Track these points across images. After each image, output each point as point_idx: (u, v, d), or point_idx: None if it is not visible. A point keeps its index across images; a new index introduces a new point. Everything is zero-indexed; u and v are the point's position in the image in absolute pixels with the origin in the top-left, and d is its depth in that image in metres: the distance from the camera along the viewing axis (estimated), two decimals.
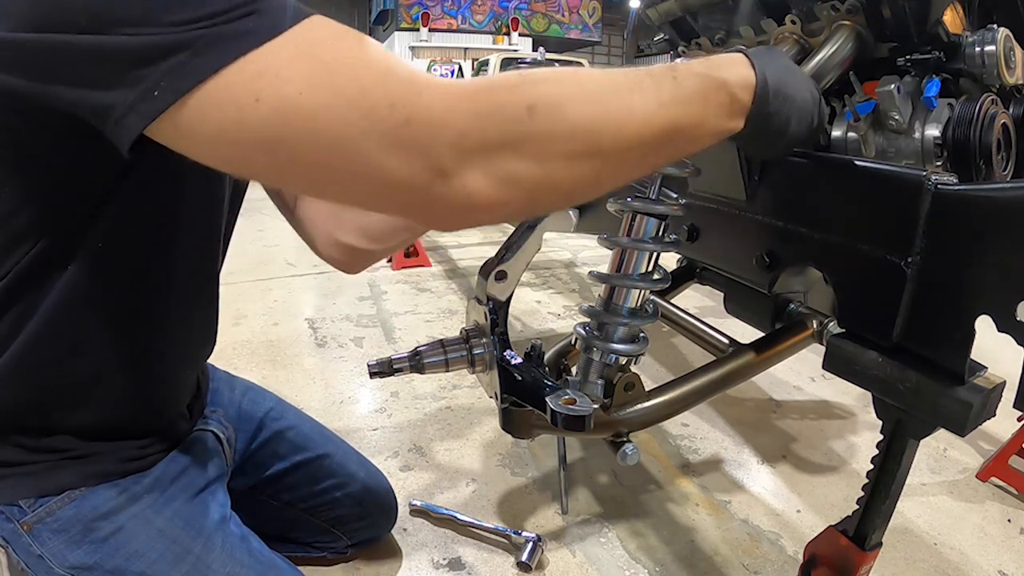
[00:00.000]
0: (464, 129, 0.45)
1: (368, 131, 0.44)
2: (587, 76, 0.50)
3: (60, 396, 0.72)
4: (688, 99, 0.53)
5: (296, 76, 0.44)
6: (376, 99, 0.43)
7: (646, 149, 0.52)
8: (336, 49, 0.45)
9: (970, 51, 0.80)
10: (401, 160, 0.44)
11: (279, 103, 0.43)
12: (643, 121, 0.50)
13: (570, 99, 0.48)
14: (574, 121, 0.48)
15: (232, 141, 0.46)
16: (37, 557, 0.74)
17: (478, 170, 0.45)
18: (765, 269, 0.80)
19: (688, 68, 0.54)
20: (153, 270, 0.73)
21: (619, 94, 0.50)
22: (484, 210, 0.48)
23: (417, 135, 0.44)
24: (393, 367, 0.85)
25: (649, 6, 1.21)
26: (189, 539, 0.79)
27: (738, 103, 0.56)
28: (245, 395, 1.08)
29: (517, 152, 0.46)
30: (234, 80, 0.44)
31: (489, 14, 13.65)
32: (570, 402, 0.72)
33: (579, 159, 0.49)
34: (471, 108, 0.45)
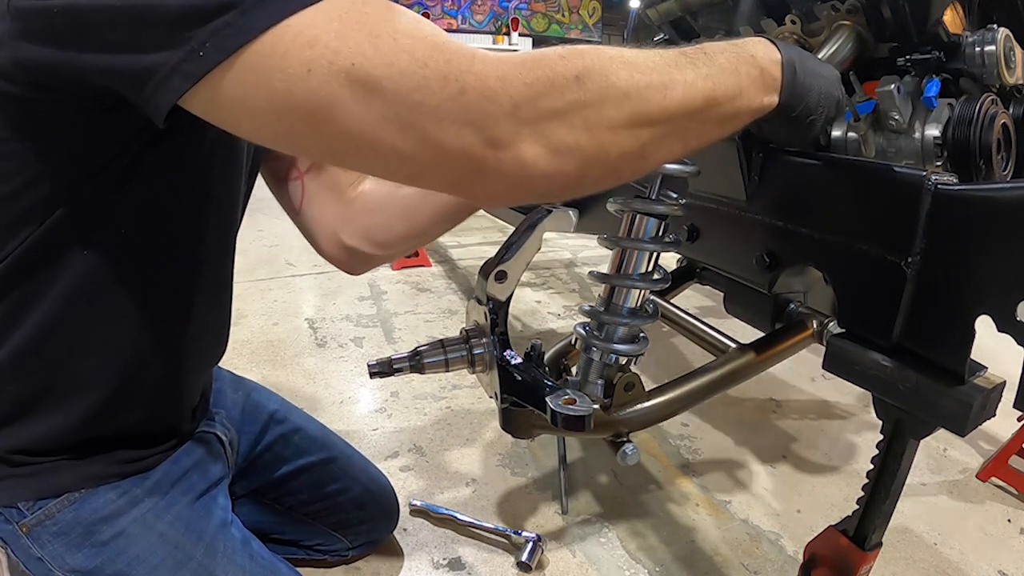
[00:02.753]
0: (517, 99, 0.45)
1: (422, 103, 0.43)
2: (629, 51, 0.51)
3: (63, 394, 0.71)
4: (723, 71, 0.54)
5: (348, 47, 0.43)
6: (430, 70, 0.43)
7: (690, 119, 0.53)
8: (387, 20, 0.45)
9: (970, 51, 0.80)
10: (455, 131, 0.44)
11: (331, 75, 0.43)
12: (684, 90, 0.51)
13: (615, 69, 0.48)
14: (621, 89, 0.48)
15: (279, 112, 0.45)
16: (37, 560, 0.73)
17: (531, 140, 0.46)
18: (765, 269, 0.80)
19: (716, 45, 0.56)
20: (169, 266, 0.72)
21: (659, 67, 0.51)
22: (537, 180, 0.48)
23: (471, 105, 0.44)
24: (393, 367, 0.85)
25: (649, 6, 1.21)
26: (191, 544, 0.78)
27: (769, 76, 0.58)
28: (250, 396, 1.07)
29: (568, 121, 0.47)
30: (285, 47, 0.43)
31: (489, 14, 13.64)
32: (570, 402, 0.72)
33: (627, 128, 0.49)
34: (523, 78, 0.45)
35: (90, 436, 0.73)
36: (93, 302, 0.67)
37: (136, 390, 0.74)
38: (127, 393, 0.73)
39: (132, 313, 0.70)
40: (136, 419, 0.76)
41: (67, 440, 0.72)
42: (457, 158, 0.46)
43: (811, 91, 0.60)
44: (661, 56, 0.52)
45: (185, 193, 0.69)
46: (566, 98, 0.46)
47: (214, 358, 0.91)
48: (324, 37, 0.43)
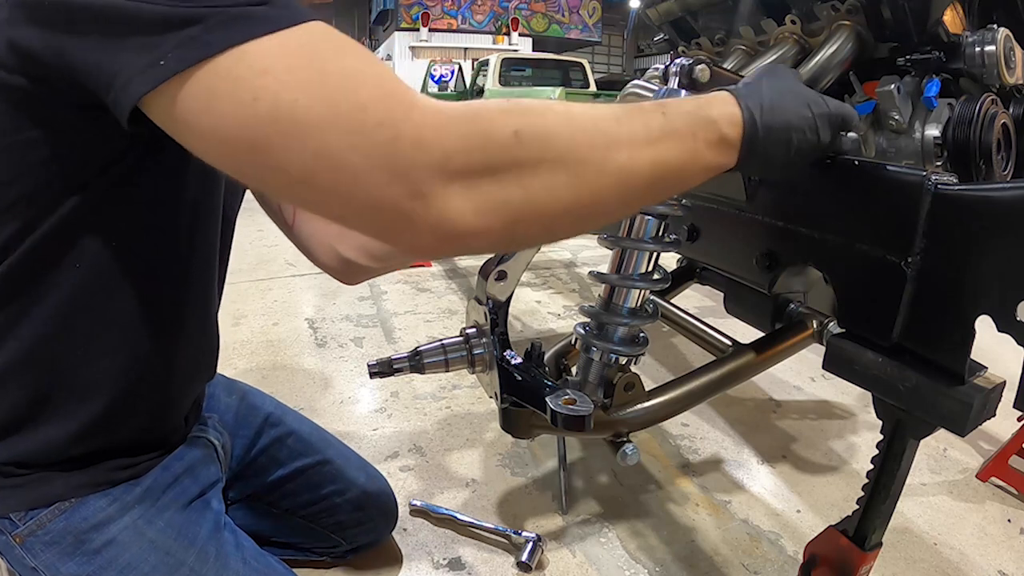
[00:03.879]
0: (450, 151, 0.44)
1: (355, 146, 0.43)
2: (577, 108, 0.50)
3: (57, 407, 0.71)
4: (677, 135, 0.53)
5: (296, 81, 0.44)
6: (368, 116, 0.43)
7: (632, 184, 0.52)
8: (338, 59, 0.45)
9: (970, 51, 0.81)
10: (385, 179, 0.44)
11: (275, 106, 0.43)
12: (630, 154, 0.50)
13: (557, 128, 0.47)
14: (560, 150, 0.47)
15: (224, 137, 0.46)
16: (31, 569, 0.73)
17: (459, 195, 0.45)
18: (765, 269, 0.80)
19: (678, 105, 0.55)
20: (162, 278, 0.72)
21: (607, 127, 0.50)
22: (462, 237, 0.47)
23: (402, 155, 0.43)
24: (393, 367, 0.85)
25: (649, 6, 1.21)
26: (182, 550, 0.78)
27: (727, 140, 0.56)
28: (243, 400, 1.07)
29: (500, 179, 0.46)
30: (239, 71, 0.44)
31: (489, 14, 13.65)
32: (570, 402, 0.72)
33: (564, 188, 0.48)
34: (459, 130, 0.45)
35: (83, 448, 0.73)
36: (85, 315, 0.67)
37: (130, 402, 0.74)
38: (121, 405, 0.73)
39: (125, 326, 0.70)
40: (129, 430, 0.76)
41: (60, 452, 0.72)
42: (384, 206, 0.45)
43: (772, 146, 0.58)
44: (614, 116, 0.51)
45: (176, 205, 0.69)
46: (502, 156, 0.46)
47: (208, 370, 0.91)
48: (276, 68, 0.44)
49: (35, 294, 0.66)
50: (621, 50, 20.51)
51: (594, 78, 8.70)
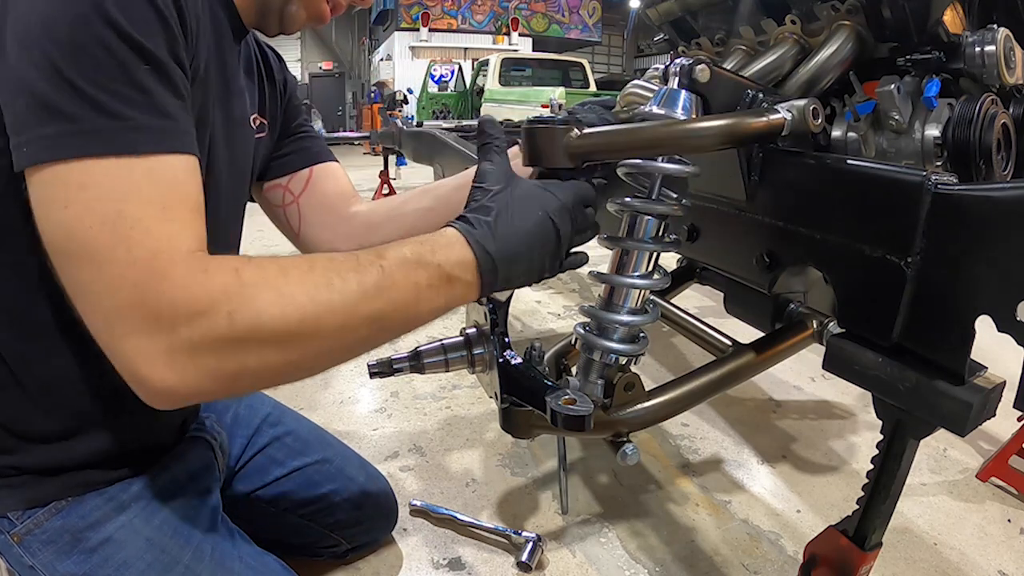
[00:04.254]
0: (177, 326, 0.49)
1: (112, 293, 0.50)
2: (296, 275, 0.53)
3: (56, 417, 0.71)
4: (395, 287, 0.55)
5: (98, 211, 0.50)
6: (130, 272, 0.49)
7: (350, 339, 0.56)
8: (140, 207, 0.51)
9: (970, 51, 0.80)
10: (121, 333, 0.50)
11: (73, 224, 0.50)
12: (343, 318, 0.53)
13: (267, 304, 0.51)
14: (269, 325, 0.51)
15: (42, 227, 0.52)
16: (29, 568, 0.73)
17: (178, 366, 0.50)
18: (765, 269, 0.80)
19: (399, 255, 0.56)
20: None
21: (319, 295, 0.53)
22: (177, 397, 0.52)
23: (141, 319, 0.49)
24: (393, 367, 0.85)
25: (649, 6, 1.21)
26: (178, 548, 0.78)
27: (460, 281, 0.58)
28: (241, 402, 1.07)
29: (216, 351, 0.50)
30: (64, 179, 0.50)
31: (489, 14, 13.64)
32: (570, 402, 0.72)
33: (275, 354, 0.52)
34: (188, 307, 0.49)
35: (81, 450, 0.74)
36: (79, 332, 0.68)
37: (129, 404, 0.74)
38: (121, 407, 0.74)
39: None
40: (127, 431, 0.76)
41: (59, 455, 0.73)
42: (119, 355, 0.51)
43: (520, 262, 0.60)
44: (327, 277, 0.53)
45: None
46: (217, 332, 0.50)
47: None
48: (91, 191, 0.50)
49: (29, 311, 0.67)
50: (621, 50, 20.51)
51: (594, 78, 8.70)
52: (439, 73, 9.98)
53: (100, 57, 0.50)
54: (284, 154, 0.96)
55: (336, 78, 17.93)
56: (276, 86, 0.93)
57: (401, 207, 0.96)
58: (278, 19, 0.76)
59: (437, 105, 9.14)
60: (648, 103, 0.71)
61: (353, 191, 1.01)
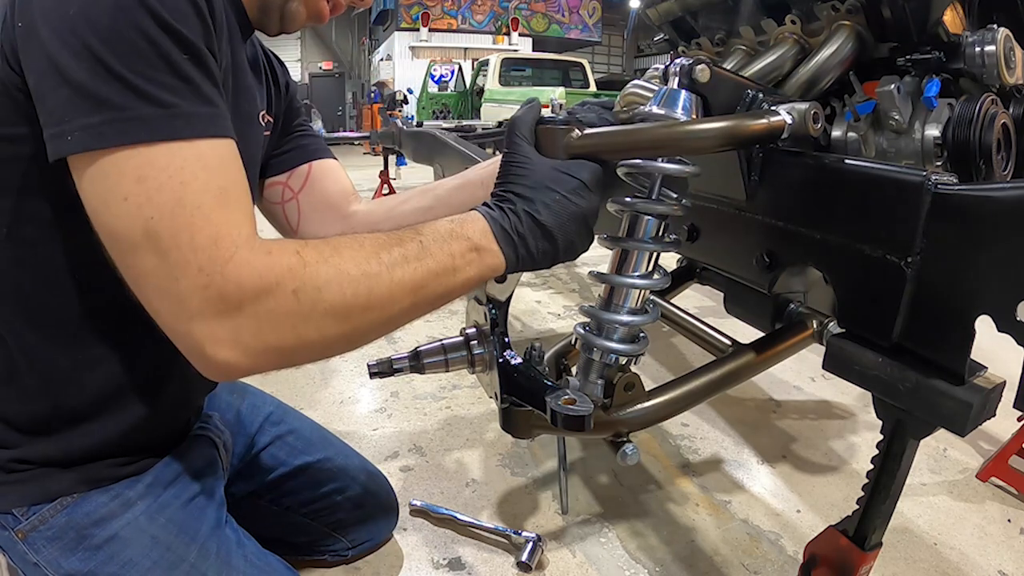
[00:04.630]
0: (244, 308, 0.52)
1: (177, 279, 0.51)
2: (348, 253, 0.56)
3: (67, 408, 0.72)
4: (433, 257, 0.59)
5: (158, 201, 0.51)
6: (195, 258, 0.51)
7: (397, 309, 0.59)
8: (200, 194, 0.52)
9: (970, 51, 0.80)
10: (188, 315, 0.52)
11: (134, 216, 0.51)
12: (391, 289, 0.57)
13: (328, 281, 0.54)
14: (329, 300, 0.54)
15: (98, 217, 0.53)
16: (33, 565, 0.73)
17: (245, 341, 0.53)
18: (765, 269, 0.80)
19: (434, 229, 0.60)
20: None
21: (371, 268, 0.56)
22: (237, 374, 0.56)
23: (208, 303, 0.51)
24: (393, 367, 0.85)
25: (649, 6, 1.21)
26: (183, 546, 0.78)
27: (488, 252, 0.61)
28: (244, 399, 1.07)
29: (279, 329, 0.53)
30: (120, 169, 0.51)
31: (489, 14, 13.64)
32: (570, 402, 0.72)
33: (333, 328, 0.56)
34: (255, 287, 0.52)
35: (86, 448, 0.74)
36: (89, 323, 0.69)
37: (135, 404, 0.75)
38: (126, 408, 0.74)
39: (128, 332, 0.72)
40: (133, 430, 0.76)
41: (64, 452, 0.73)
42: (185, 338, 0.53)
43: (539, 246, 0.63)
44: (376, 252, 0.57)
45: None
46: (282, 310, 0.53)
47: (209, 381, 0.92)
48: (150, 182, 0.51)
49: (34, 307, 0.67)
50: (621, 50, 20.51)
51: (594, 78, 8.70)
52: (439, 73, 9.97)
53: (142, 46, 0.51)
54: (284, 151, 0.97)
55: (336, 78, 17.93)
56: (279, 87, 0.94)
57: (400, 206, 0.96)
58: (279, 17, 0.77)
59: (437, 105, 9.13)
60: (648, 103, 0.71)
61: (352, 189, 1.01)
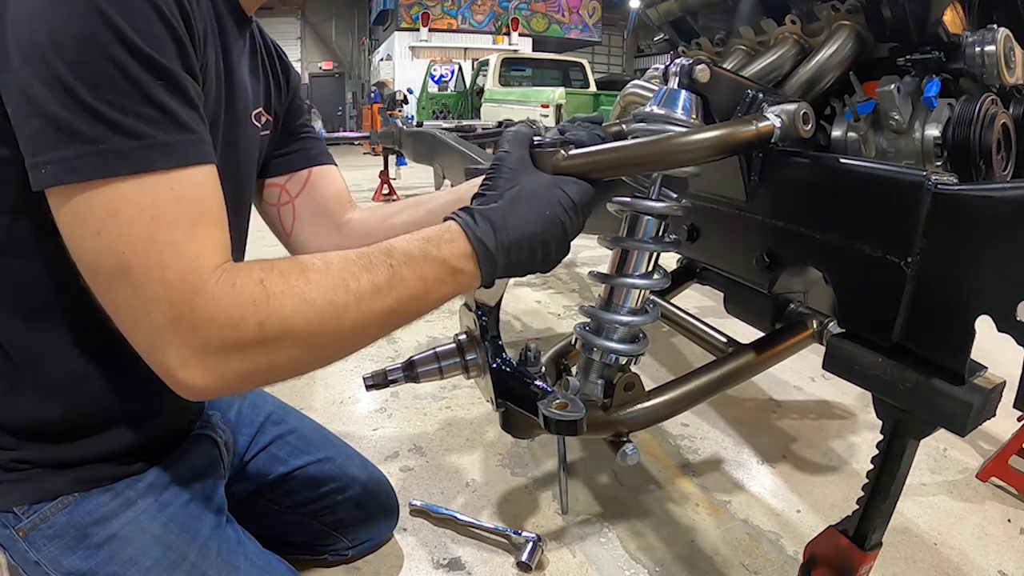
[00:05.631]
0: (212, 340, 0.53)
1: (148, 313, 0.53)
2: (314, 279, 0.56)
3: (68, 410, 0.72)
4: (404, 283, 0.58)
5: (129, 236, 0.52)
6: (165, 293, 0.52)
7: (365, 333, 0.59)
8: (172, 229, 0.53)
9: (970, 51, 0.80)
10: (161, 344, 0.53)
11: (107, 250, 0.52)
12: (359, 315, 0.57)
13: (293, 311, 0.54)
14: (296, 329, 0.55)
15: (74, 250, 0.54)
16: (33, 563, 0.73)
17: (213, 370, 0.54)
18: (765, 269, 0.80)
19: (406, 252, 0.59)
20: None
21: (337, 297, 0.56)
22: (213, 395, 0.57)
23: (178, 335, 0.53)
24: (388, 379, 0.85)
25: (649, 6, 1.21)
26: (184, 545, 0.78)
27: (463, 272, 0.60)
28: (245, 399, 1.07)
29: (246, 355, 0.54)
30: (93, 203, 0.52)
31: (489, 14, 13.64)
32: (562, 406, 0.72)
33: (300, 353, 0.57)
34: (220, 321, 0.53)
35: (88, 448, 0.74)
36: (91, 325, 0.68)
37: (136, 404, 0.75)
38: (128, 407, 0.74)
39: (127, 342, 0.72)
40: (134, 430, 0.77)
41: (66, 452, 0.73)
42: (157, 365, 0.55)
43: (520, 256, 0.62)
44: (343, 279, 0.57)
45: None
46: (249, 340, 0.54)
47: None
48: (122, 216, 0.52)
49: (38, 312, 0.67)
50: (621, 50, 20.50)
51: (594, 78, 8.70)
52: (439, 73, 9.97)
53: (114, 75, 0.51)
54: (284, 153, 0.96)
55: (336, 78, 17.93)
56: (280, 81, 0.93)
57: (393, 217, 0.96)
58: None
59: (437, 105, 9.14)
60: (648, 103, 0.71)
61: (349, 197, 1.01)
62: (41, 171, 0.52)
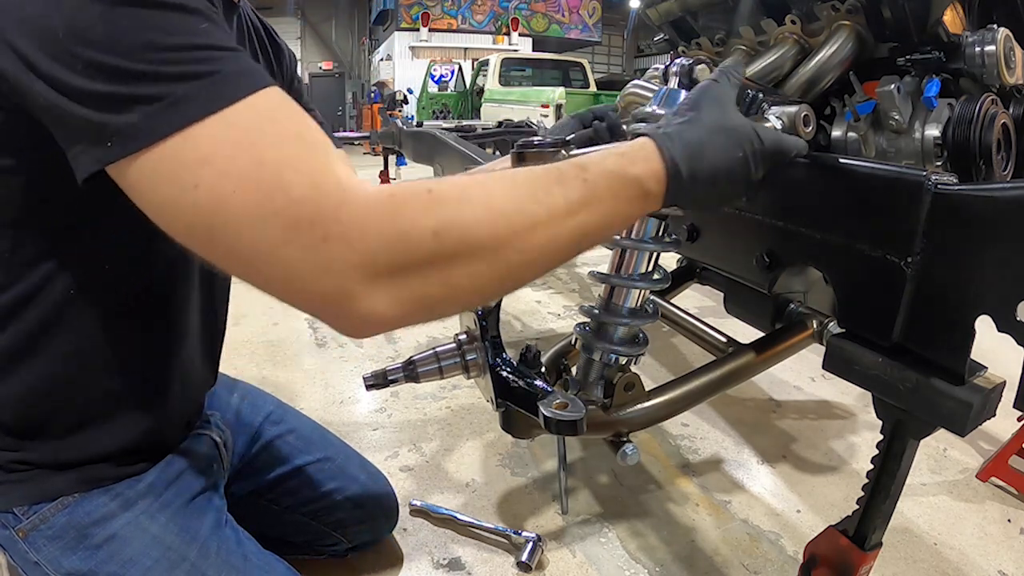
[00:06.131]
0: (375, 252, 0.45)
1: (288, 242, 0.45)
2: (499, 190, 0.50)
3: (68, 412, 0.72)
4: (598, 200, 0.53)
5: (234, 173, 0.45)
6: (301, 212, 0.45)
7: (554, 254, 0.53)
8: (279, 146, 0.46)
9: (970, 51, 0.81)
10: (313, 275, 0.45)
11: (214, 196, 0.45)
12: (549, 232, 0.51)
13: (475, 220, 0.48)
14: (480, 242, 0.48)
15: (171, 217, 0.48)
16: (33, 564, 0.73)
17: (383, 291, 0.46)
18: (765, 269, 0.80)
19: (601, 167, 0.54)
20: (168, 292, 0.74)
21: (527, 208, 0.50)
22: (384, 326, 0.49)
23: (330, 254, 0.45)
24: (388, 379, 0.85)
25: (649, 6, 1.21)
26: (184, 545, 0.78)
27: (651, 194, 0.55)
28: (244, 399, 1.07)
29: (423, 273, 0.47)
30: (182, 158, 0.46)
31: (489, 14, 13.64)
32: (562, 406, 0.72)
33: (483, 274, 0.49)
34: (383, 231, 0.45)
35: (89, 450, 0.74)
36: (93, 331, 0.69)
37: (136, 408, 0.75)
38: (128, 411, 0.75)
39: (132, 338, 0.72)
40: (134, 432, 0.77)
41: (67, 454, 0.73)
42: (313, 298, 0.47)
43: (697, 191, 0.57)
44: (534, 189, 0.51)
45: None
46: (423, 254, 0.46)
47: (211, 374, 0.92)
48: (216, 157, 0.45)
49: (41, 313, 0.67)
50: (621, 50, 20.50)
51: (594, 78, 8.70)
52: (439, 73, 9.97)
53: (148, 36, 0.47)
54: None
55: (336, 78, 17.91)
56: (273, 62, 0.92)
57: None
58: None
59: (437, 105, 9.13)
60: (648, 103, 0.71)
61: None
62: (107, 144, 0.47)
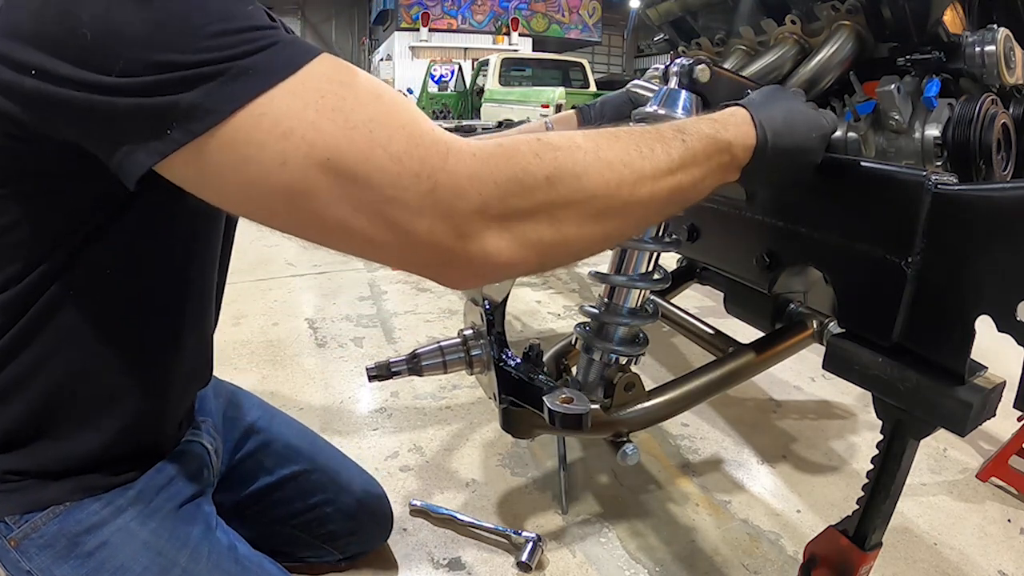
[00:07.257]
0: (487, 197, 0.45)
1: (395, 198, 0.44)
2: (605, 142, 0.51)
3: (56, 419, 0.71)
4: (695, 161, 0.55)
5: (324, 139, 0.43)
6: (404, 167, 0.44)
7: (652, 210, 0.55)
8: (363, 106, 0.45)
9: (970, 51, 0.81)
10: (427, 225, 0.45)
11: (307, 167, 0.43)
12: (652, 187, 0.53)
13: (586, 168, 0.49)
14: (591, 189, 0.49)
15: (253, 196, 0.45)
16: (26, 572, 0.73)
17: (497, 236, 0.47)
18: (765, 269, 0.80)
19: (698, 130, 0.56)
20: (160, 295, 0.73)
21: (634, 162, 0.51)
22: (500, 270, 0.49)
23: (442, 203, 0.44)
24: (391, 370, 0.85)
25: (649, 6, 1.21)
26: (174, 551, 0.78)
27: (735, 161, 0.59)
28: (230, 403, 1.05)
29: (535, 219, 0.48)
30: (261, 136, 0.43)
31: (489, 14, 13.64)
32: (567, 401, 0.72)
33: (592, 223, 0.51)
34: (493, 177, 0.46)
35: (80, 458, 0.74)
36: (85, 338, 0.69)
37: (127, 415, 0.75)
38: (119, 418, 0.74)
39: (124, 345, 0.72)
40: (125, 439, 0.76)
41: (58, 462, 0.73)
42: (427, 249, 0.46)
43: (774, 167, 0.61)
44: (638, 145, 0.52)
45: (175, 229, 0.70)
46: (536, 199, 0.47)
47: (202, 379, 0.91)
48: (300, 128, 0.43)
49: (36, 320, 0.67)
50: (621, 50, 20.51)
51: (594, 78, 8.70)
52: (439, 73, 9.97)
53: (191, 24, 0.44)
54: None
55: None
56: None
57: None
58: None
59: (437, 105, 9.13)
60: (648, 103, 0.71)
61: None
62: (166, 134, 0.44)
